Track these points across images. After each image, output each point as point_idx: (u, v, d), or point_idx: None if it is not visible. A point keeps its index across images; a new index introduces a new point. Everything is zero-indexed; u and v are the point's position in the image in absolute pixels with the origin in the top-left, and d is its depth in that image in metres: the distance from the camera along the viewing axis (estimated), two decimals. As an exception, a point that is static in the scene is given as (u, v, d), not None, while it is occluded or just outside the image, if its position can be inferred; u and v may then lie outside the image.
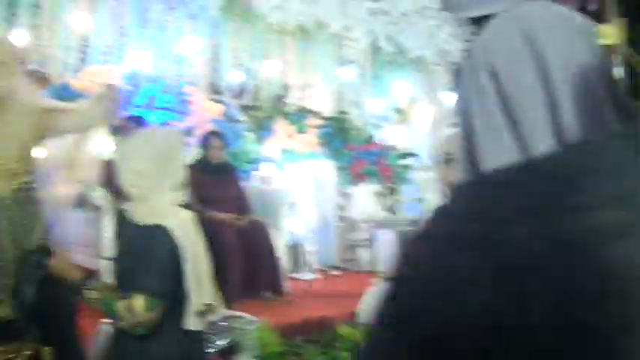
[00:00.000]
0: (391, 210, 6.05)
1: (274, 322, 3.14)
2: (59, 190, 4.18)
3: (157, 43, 4.83)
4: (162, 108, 4.43)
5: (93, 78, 4.25)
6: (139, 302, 1.61)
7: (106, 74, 4.31)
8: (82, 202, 3.65)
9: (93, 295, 1.73)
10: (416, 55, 7.00)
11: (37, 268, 1.81)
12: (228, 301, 3.68)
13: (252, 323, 2.95)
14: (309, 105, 6.01)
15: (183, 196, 1.80)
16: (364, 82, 6.42)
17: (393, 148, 6.00)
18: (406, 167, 5.94)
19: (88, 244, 3.61)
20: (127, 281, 1.70)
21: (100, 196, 3.61)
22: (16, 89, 2.05)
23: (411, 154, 6.05)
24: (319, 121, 5.55)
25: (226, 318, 2.85)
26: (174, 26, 4.84)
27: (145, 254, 1.70)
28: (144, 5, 4.70)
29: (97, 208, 3.66)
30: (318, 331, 3.56)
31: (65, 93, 4.00)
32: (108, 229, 3.65)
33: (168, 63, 4.95)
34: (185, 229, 1.73)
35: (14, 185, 1.95)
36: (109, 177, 3.65)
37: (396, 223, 5.94)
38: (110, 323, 1.80)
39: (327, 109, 5.96)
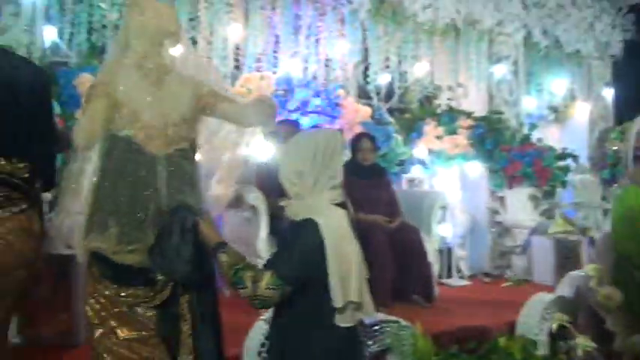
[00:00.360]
0: (547, 215, 5.66)
1: (426, 329, 3.03)
2: (216, 190, 4.41)
3: (308, 48, 4.95)
4: (314, 112, 4.50)
5: (247, 85, 4.42)
6: (265, 277, 1.69)
7: (260, 80, 4.46)
8: (238, 203, 3.79)
9: (224, 258, 1.80)
10: (572, 48, 6.62)
11: (182, 223, 1.94)
12: (380, 304, 3.66)
13: (406, 328, 2.87)
14: (460, 105, 5.85)
15: (339, 195, 1.85)
16: (518, 79, 6.14)
17: (549, 148, 5.58)
18: (564, 169, 5.50)
19: (244, 244, 3.74)
20: (266, 264, 1.78)
21: (255, 197, 3.72)
22: (182, 61, 2.18)
23: (570, 155, 5.59)
24: (470, 122, 5.33)
25: (381, 322, 2.81)
26: (325, 31, 4.91)
27: (290, 243, 1.79)
28: (295, 12, 4.83)
29: (252, 209, 3.78)
30: (472, 341, 3.38)
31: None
32: (263, 229, 3.77)
33: (319, 67, 5.06)
34: (335, 227, 1.76)
35: (169, 150, 2.05)
36: (265, 178, 3.79)
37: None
38: (264, 319, 1.91)
39: (479, 109, 5.73)
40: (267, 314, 2.12)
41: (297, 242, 1.77)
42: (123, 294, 2.00)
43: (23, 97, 1.82)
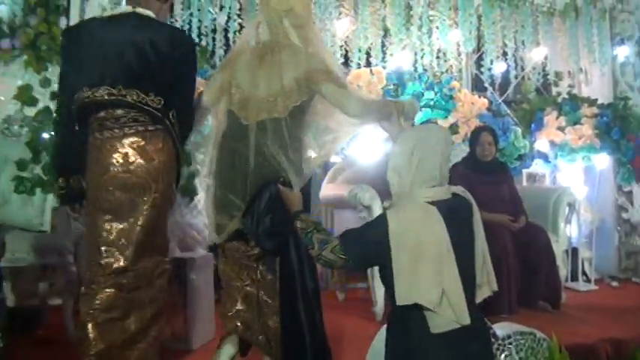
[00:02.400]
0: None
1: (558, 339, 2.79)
2: (326, 191, 4.36)
3: (419, 39, 4.77)
4: (427, 106, 4.31)
5: (357, 81, 4.31)
6: (333, 242, 1.85)
7: (371, 76, 4.33)
8: (353, 203, 3.71)
9: (298, 224, 1.98)
10: None
11: (267, 193, 2.13)
12: (505, 311, 3.46)
13: (542, 342, 2.65)
14: (583, 92, 5.44)
15: (437, 193, 1.83)
16: (643, 60, 5.60)
17: (684, 137, 5.06)
18: (699, 160, 4.96)
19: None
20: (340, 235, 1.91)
21: (370, 197, 3.62)
22: (297, 44, 2.28)
23: None
24: (594, 110, 4.92)
25: (514, 334, 2.62)
26: (438, 20, 4.71)
27: (364, 226, 1.94)
28: (405, 2, 4.65)
29: (367, 209, 3.68)
30: (607, 354, 3.10)
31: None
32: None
33: (432, 59, 4.87)
34: (409, 222, 1.76)
35: (260, 119, 2.17)
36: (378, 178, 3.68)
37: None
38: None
39: (603, 96, 5.29)
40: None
41: (367, 225, 1.90)
42: (232, 247, 2.28)
43: (162, 50, 2.18)
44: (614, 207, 5.29)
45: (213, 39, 4.38)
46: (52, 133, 2.96)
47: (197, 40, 4.28)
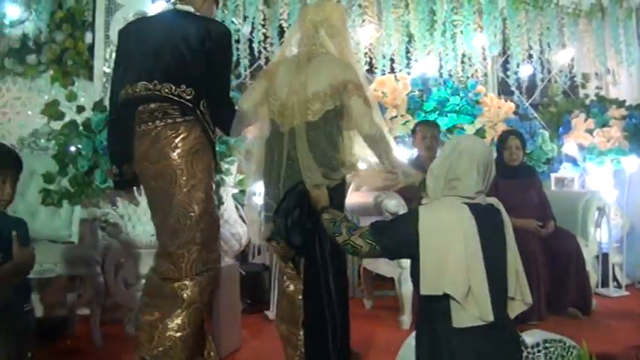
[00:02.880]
0: None
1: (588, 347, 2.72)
2: (353, 198, 4.33)
3: (443, 44, 4.73)
4: (453, 111, 4.27)
5: (382, 88, 4.29)
6: (363, 229, 1.90)
7: (395, 82, 4.32)
8: (379, 210, 3.69)
9: (325, 216, 2.05)
10: None
11: (296, 195, 2.21)
12: (534, 317, 3.40)
13: (572, 349, 2.59)
14: (610, 94, 5.35)
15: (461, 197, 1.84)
16: (671, 59, 5.49)
17: None
18: None
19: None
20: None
21: (396, 204, 3.59)
22: (333, 52, 2.41)
23: None
24: (623, 112, 4.83)
25: (544, 341, 2.57)
26: (462, 25, 4.67)
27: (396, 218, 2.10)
28: (429, 7, 4.62)
29: (393, 215, 3.65)
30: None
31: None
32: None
33: (457, 64, 4.83)
34: (437, 217, 1.79)
35: (294, 123, 2.30)
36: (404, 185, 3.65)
37: None
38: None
39: (632, 97, 5.18)
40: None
41: (399, 217, 2.05)
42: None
43: (194, 43, 2.27)
44: (646, 210, 5.16)
45: (237, 49, 4.39)
46: (80, 144, 3.16)
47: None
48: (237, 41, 4.36)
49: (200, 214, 2.24)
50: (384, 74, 4.52)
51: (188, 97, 2.25)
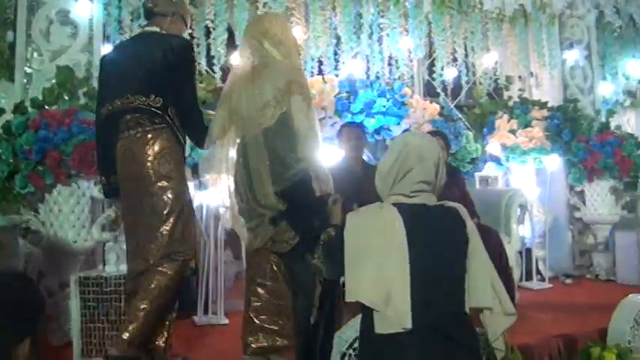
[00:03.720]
0: (630, 208, 5.30)
1: (510, 339, 2.82)
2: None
3: (370, 47, 4.80)
4: (379, 112, 4.34)
5: (310, 89, 4.32)
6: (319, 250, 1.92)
7: (324, 84, 4.35)
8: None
9: (325, 236, 1.94)
10: None
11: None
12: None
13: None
14: (533, 96, 5.55)
15: (416, 198, 1.79)
16: (592, 64, 5.81)
17: (630, 136, 5.21)
18: (647, 158, 5.11)
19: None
20: None
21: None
22: (280, 59, 2.53)
23: (654, 142, 5.20)
24: (545, 113, 5.04)
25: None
26: (388, 28, 4.75)
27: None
28: (356, 10, 4.69)
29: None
30: (560, 352, 3.15)
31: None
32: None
33: (384, 66, 4.90)
34: (366, 221, 1.77)
35: (251, 133, 2.45)
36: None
37: (637, 223, 5.22)
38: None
39: (553, 99, 5.42)
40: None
41: (338, 230, 1.87)
42: None
43: (159, 58, 2.50)
44: (566, 207, 5.41)
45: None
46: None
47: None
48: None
49: (168, 212, 2.44)
50: (312, 76, 4.55)
51: (157, 105, 2.49)
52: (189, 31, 4.27)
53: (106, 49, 4.10)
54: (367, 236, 1.74)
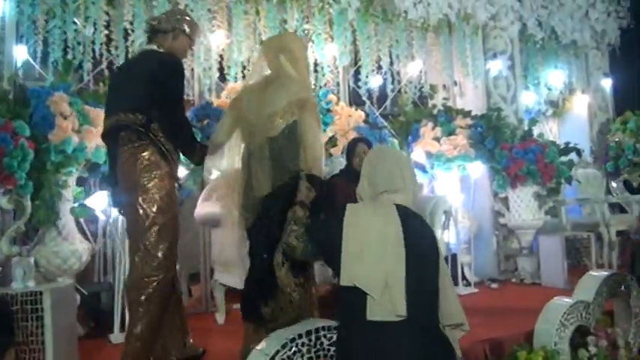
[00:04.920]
0: (553, 213, 5.46)
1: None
2: (204, 208, 4.20)
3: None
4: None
5: (232, 95, 4.22)
6: (298, 229, 2.15)
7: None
8: (228, 219, 3.59)
9: (292, 215, 2.25)
10: (569, 39, 6.51)
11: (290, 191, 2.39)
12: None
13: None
14: (457, 105, 5.66)
15: (404, 200, 1.96)
16: (515, 74, 5.95)
17: (552, 143, 5.37)
18: (568, 164, 5.28)
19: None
20: None
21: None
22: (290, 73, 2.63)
23: (574, 149, 5.38)
24: (468, 121, 5.13)
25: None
26: (313, 34, 4.71)
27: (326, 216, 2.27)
28: (280, 16, 4.62)
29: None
30: (487, 356, 3.15)
31: (207, 111, 4.00)
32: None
33: (309, 72, 4.85)
34: (365, 218, 1.88)
35: (258, 142, 2.51)
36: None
37: (560, 227, 5.37)
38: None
39: (477, 108, 5.53)
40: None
41: (331, 215, 2.02)
42: None
43: (145, 77, 2.67)
44: (491, 213, 5.51)
45: (82, 52, 4.10)
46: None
47: (62, 53, 4.01)
48: (79, 44, 4.08)
49: (149, 225, 2.59)
50: (236, 81, 4.44)
51: (141, 123, 2.64)
52: (106, 32, 4.11)
53: (20, 49, 3.89)
54: (369, 227, 1.85)
